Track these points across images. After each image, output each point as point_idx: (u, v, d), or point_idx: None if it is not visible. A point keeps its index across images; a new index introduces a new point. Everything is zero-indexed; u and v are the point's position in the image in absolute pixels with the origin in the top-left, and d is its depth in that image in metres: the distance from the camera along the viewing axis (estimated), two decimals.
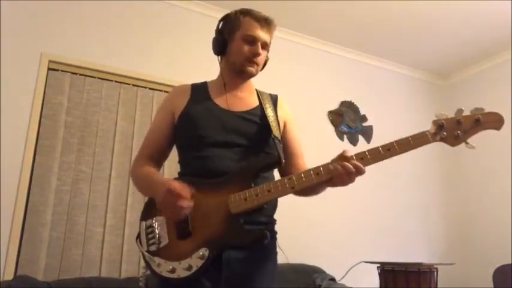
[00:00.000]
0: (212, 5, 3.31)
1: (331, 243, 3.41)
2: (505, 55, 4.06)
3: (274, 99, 1.44)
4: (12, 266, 2.34)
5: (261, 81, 1.50)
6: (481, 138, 1.24)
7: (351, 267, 3.01)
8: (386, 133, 3.83)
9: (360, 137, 3.88)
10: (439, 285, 2.76)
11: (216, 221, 1.18)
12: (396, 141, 1.16)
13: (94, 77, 2.85)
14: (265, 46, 1.36)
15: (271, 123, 1.32)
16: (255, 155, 1.29)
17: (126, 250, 2.63)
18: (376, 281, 2.86)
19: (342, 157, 1.18)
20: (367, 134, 3.92)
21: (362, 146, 3.73)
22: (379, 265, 2.84)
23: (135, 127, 2.88)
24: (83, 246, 2.54)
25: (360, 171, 1.15)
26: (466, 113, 1.17)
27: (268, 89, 1.50)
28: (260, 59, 1.36)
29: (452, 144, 1.16)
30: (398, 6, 3.39)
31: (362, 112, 3.98)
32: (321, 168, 1.18)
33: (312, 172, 1.18)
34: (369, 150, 1.17)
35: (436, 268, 2.73)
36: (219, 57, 1.43)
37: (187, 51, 3.22)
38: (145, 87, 3.02)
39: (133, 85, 2.98)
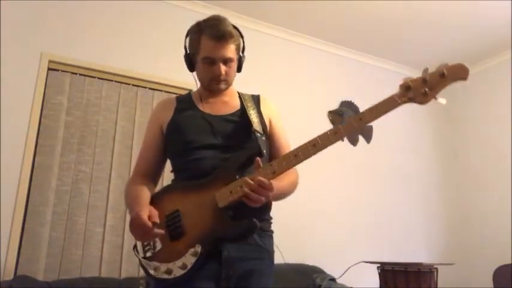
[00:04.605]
0: (213, 5, 3.30)
1: (331, 243, 3.41)
2: (505, 55, 4.05)
3: (256, 99, 1.48)
4: (12, 266, 2.34)
5: (260, 81, 1.50)
6: (482, 138, 1.25)
7: (350, 266, 3.01)
8: (387, 132, 3.86)
9: (360, 137, 3.88)
10: (439, 285, 2.76)
11: (205, 217, 1.21)
12: (367, 110, 1.17)
13: (94, 77, 2.86)
14: (228, 60, 1.36)
15: (252, 120, 1.37)
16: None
17: (126, 250, 2.63)
18: (376, 280, 2.86)
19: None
20: (367, 133, 3.91)
21: (362, 146, 3.72)
22: (379, 265, 2.84)
23: (135, 127, 2.88)
24: (83, 246, 2.54)
25: (266, 189, 1.16)
26: (431, 70, 1.15)
27: (267, 88, 1.50)
28: (226, 75, 1.38)
29: (421, 102, 1.15)
30: (399, 7, 3.39)
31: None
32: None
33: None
34: (337, 128, 1.16)
35: (436, 268, 2.73)
36: (194, 73, 1.45)
37: None
38: (145, 87, 3.02)
39: (133, 85, 2.98)
